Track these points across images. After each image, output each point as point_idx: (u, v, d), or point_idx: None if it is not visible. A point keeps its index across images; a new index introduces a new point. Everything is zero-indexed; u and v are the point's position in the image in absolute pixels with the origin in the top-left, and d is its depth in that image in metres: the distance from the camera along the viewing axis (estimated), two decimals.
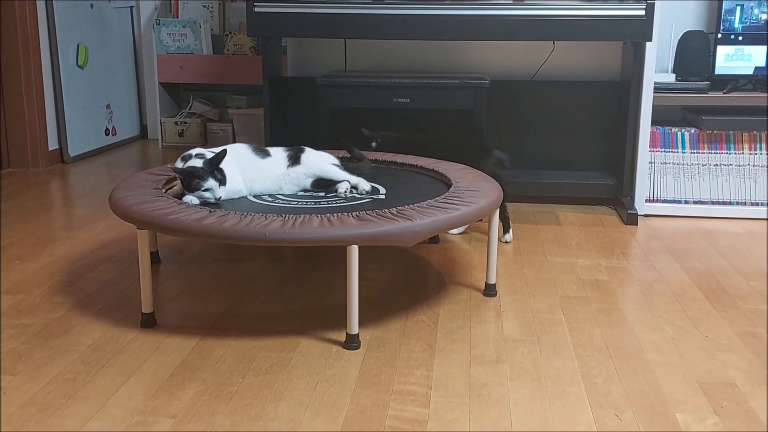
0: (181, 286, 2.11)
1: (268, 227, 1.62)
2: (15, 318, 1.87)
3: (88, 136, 3.95)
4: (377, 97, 2.81)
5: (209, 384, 1.55)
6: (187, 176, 1.84)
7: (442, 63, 3.19)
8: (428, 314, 1.92)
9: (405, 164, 2.35)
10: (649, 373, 1.62)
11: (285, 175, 2.01)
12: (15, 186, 3.28)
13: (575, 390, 1.54)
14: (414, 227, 1.67)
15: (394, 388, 1.54)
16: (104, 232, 2.61)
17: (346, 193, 1.98)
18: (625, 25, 2.63)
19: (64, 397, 1.49)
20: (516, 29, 2.66)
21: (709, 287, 2.14)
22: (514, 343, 1.76)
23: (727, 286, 2.15)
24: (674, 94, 2.85)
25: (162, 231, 1.71)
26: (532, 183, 2.95)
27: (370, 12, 2.71)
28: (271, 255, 2.37)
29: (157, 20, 4.19)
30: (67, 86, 3.76)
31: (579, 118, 3.09)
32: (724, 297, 2.07)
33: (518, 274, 2.22)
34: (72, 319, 1.86)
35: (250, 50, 4.18)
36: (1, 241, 2.50)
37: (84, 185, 3.32)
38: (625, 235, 2.65)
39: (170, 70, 4.21)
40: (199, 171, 1.83)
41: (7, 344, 1.72)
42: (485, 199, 1.89)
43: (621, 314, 1.94)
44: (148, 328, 1.82)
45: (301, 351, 1.70)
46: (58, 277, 2.16)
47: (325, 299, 2.01)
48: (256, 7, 2.76)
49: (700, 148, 2.88)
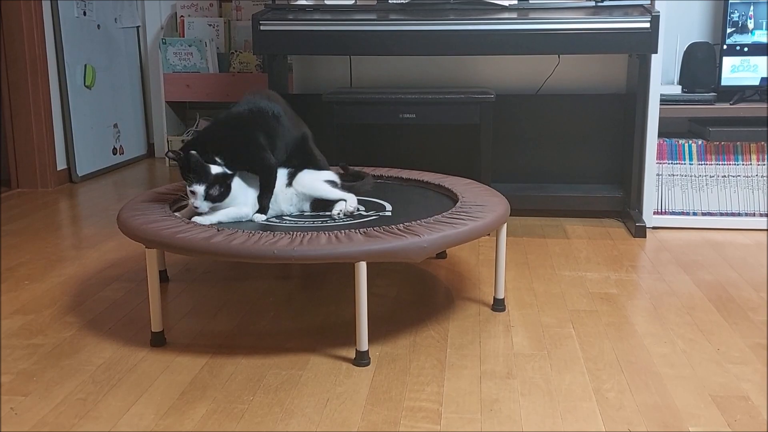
0: (190, 304, 2.11)
1: (276, 245, 1.63)
2: (26, 338, 1.87)
3: (95, 155, 3.98)
4: (383, 113, 2.82)
5: (220, 402, 1.54)
6: (184, 165, 1.80)
7: (447, 78, 3.20)
8: (437, 330, 1.91)
9: (411, 180, 2.35)
10: (661, 386, 1.61)
11: (282, 195, 1.96)
12: (24, 206, 3.30)
13: (587, 405, 1.53)
14: (422, 243, 1.67)
15: (404, 404, 1.53)
16: (113, 251, 2.61)
17: (340, 215, 1.93)
18: (630, 37, 2.63)
19: (76, 417, 1.49)
20: (521, 43, 2.67)
21: (719, 299, 2.13)
22: (525, 358, 1.75)
23: (737, 297, 2.14)
24: (681, 105, 2.85)
25: (170, 250, 1.71)
26: (539, 196, 2.95)
27: (375, 29, 2.73)
28: (279, 272, 2.37)
29: (164, 40, 4.22)
30: (74, 106, 3.79)
31: (585, 131, 3.10)
32: (735, 309, 2.05)
33: (527, 289, 2.22)
34: (82, 339, 1.87)
35: (255, 68, 4.21)
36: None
37: (92, 205, 3.34)
38: (633, 247, 2.64)
39: (176, 89, 4.24)
40: (197, 169, 1.79)
41: (18, 364, 1.73)
42: (492, 214, 1.89)
43: (631, 327, 1.93)
44: (158, 347, 1.82)
45: (311, 368, 1.70)
46: (68, 297, 2.17)
47: (334, 316, 2.01)
48: (262, 25, 2.78)
49: (707, 160, 2.88)
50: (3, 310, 2.07)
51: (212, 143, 1.87)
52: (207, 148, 1.85)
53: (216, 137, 1.89)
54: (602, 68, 3.12)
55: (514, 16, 2.70)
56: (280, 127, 1.95)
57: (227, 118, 1.92)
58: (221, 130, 1.91)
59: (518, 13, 2.75)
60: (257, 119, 1.92)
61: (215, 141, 1.88)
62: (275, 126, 1.94)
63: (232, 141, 1.88)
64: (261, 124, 1.91)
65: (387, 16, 2.76)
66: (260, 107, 1.94)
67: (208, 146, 1.86)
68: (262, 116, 1.92)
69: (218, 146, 1.87)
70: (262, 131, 1.91)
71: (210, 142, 1.87)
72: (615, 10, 2.72)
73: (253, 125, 1.90)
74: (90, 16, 3.93)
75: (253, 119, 1.91)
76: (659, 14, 2.62)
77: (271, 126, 1.93)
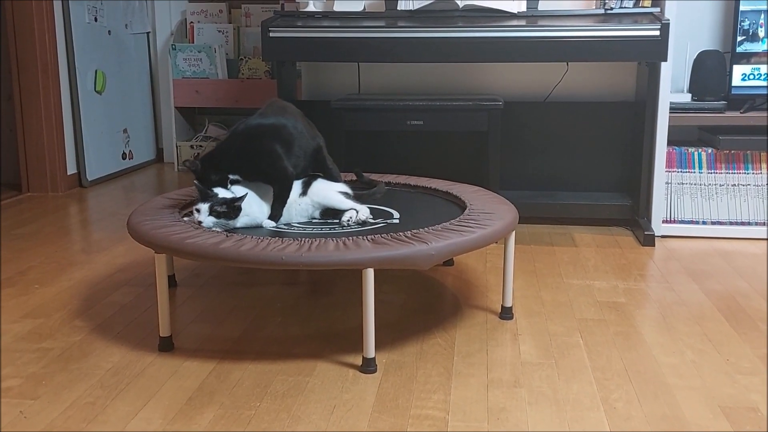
0: (198, 309, 2.11)
1: (285, 251, 1.63)
2: (35, 342, 1.88)
3: (105, 160, 4.00)
4: (391, 120, 2.82)
5: (227, 408, 1.55)
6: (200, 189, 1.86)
7: (455, 85, 3.20)
8: (444, 337, 1.91)
9: (418, 186, 2.35)
10: (669, 397, 1.60)
11: (296, 205, 1.98)
12: (34, 210, 3.32)
13: (595, 415, 1.52)
14: (429, 250, 1.67)
15: (411, 412, 1.53)
16: (122, 256, 2.62)
17: (349, 222, 1.94)
18: (639, 45, 2.63)
19: (84, 421, 1.49)
20: (530, 50, 2.67)
21: (729, 309, 2.12)
22: (532, 366, 1.75)
23: (747, 307, 2.13)
24: (690, 113, 2.85)
25: (179, 255, 1.72)
26: (547, 204, 2.94)
27: (384, 36, 2.74)
28: (287, 278, 2.37)
29: (173, 46, 4.25)
30: (85, 111, 3.81)
31: (594, 139, 3.09)
32: (745, 319, 2.04)
33: (535, 297, 2.21)
34: (91, 343, 1.88)
35: (264, 74, 4.23)
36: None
37: (101, 209, 3.35)
38: (642, 256, 2.63)
39: (186, 95, 4.26)
40: (204, 194, 1.84)
41: (27, 368, 1.73)
42: (500, 222, 1.89)
43: (640, 337, 1.92)
44: (166, 351, 1.82)
45: (317, 374, 1.70)
46: (77, 301, 2.18)
47: (341, 322, 2.01)
48: (271, 32, 2.80)
49: (717, 168, 2.87)
50: (13, 314, 2.08)
51: (228, 157, 1.91)
52: (222, 164, 1.90)
53: (232, 150, 1.92)
54: (611, 76, 3.12)
55: (523, 24, 2.70)
56: (297, 139, 1.97)
57: (246, 129, 1.94)
58: (238, 142, 1.93)
59: (527, 20, 2.76)
60: (275, 131, 1.93)
61: (232, 154, 1.91)
62: (293, 138, 1.96)
63: (249, 152, 1.91)
64: (279, 136, 1.93)
65: (395, 23, 2.76)
66: (278, 119, 1.96)
67: (224, 161, 1.90)
68: (280, 129, 1.94)
69: (234, 159, 1.90)
70: (280, 143, 1.92)
71: (226, 157, 1.91)
72: (624, 18, 2.72)
73: (270, 137, 1.92)
74: (101, 22, 3.96)
75: (271, 131, 1.93)
76: (669, 22, 2.61)
77: (289, 138, 1.95)
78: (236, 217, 1.84)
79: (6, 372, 1.72)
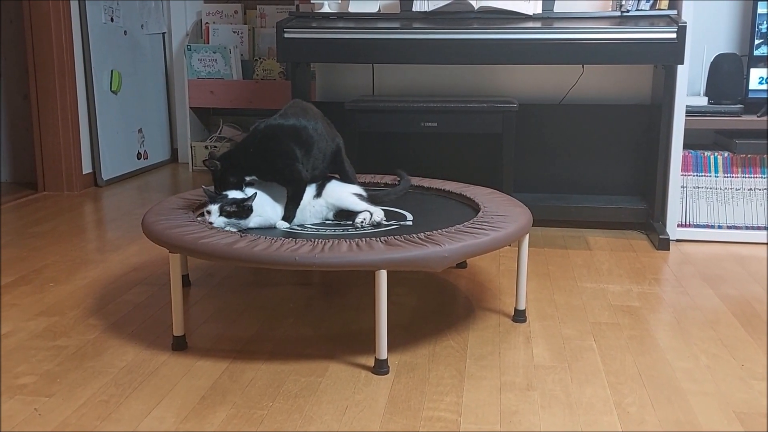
0: (212, 309, 2.12)
1: (298, 252, 1.63)
2: (50, 340, 1.90)
3: (120, 159, 4.03)
4: (405, 122, 2.82)
5: (240, 408, 1.55)
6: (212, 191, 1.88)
7: (469, 87, 3.20)
8: (457, 340, 1.91)
9: (432, 188, 2.35)
10: (683, 402, 1.59)
11: (310, 207, 1.99)
12: (50, 209, 3.35)
13: (608, 419, 1.51)
14: (443, 252, 1.67)
15: (423, 414, 1.53)
16: (136, 255, 2.64)
17: (363, 223, 1.95)
18: (656, 48, 2.61)
19: (98, 419, 1.50)
20: (545, 53, 2.66)
21: (743, 314, 2.10)
22: (545, 369, 1.74)
23: (762, 312, 2.11)
24: (707, 117, 2.82)
25: (193, 255, 1.73)
26: (561, 207, 2.93)
27: (398, 37, 2.74)
28: (299, 279, 2.38)
29: (188, 46, 4.27)
30: (101, 111, 3.84)
31: (609, 142, 3.07)
32: (760, 324, 2.02)
33: (548, 300, 2.20)
34: (105, 341, 1.89)
35: (279, 75, 4.24)
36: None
37: (116, 208, 3.38)
38: (656, 260, 2.61)
39: (201, 95, 4.28)
40: (213, 196, 1.87)
41: (42, 366, 1.75)
42: (514, 224, 1.88)
43: (654, 341, 1.91)
44: (179, 350, 1.83)
45: (330, 375, 1.70)
46: (92, 300, 2.19)
47: (354, 323, 2.01)
48: (286, 33, 2.80)
49: (733, 172, 2.84)
50: (28, 312, 2.10)
51: (246, 156, 1.92)
52: (241, 162, 1.91)
53: (251, 149, 1.93)
54: (627, 78, 3.10)
55: (539, 26, 2.69)
56: (317, 141, 1.97)
57: (266, 129, 1.95)
58: (257, 141, 1.94)
59: (542, 22, 2.75)
60: (295, 132, 1.94)
61: (250, 153, 1.92)
62: (312, 140, 1.96)
63: (267, 152, 1.91)
64: (298, 138, 1.94)
65: (410, 25, 2.76)
66: (299, 120, 1.97)
67: (243, 160, 1.92)
68: (300, 130, 1.95)
69: (252, 158, 1.91)
70: (299, 144, 1.93)
71: (244, 155, 1.92)
72: (641, 21, 2.70)
73: (289, 137, 1.93)
74: (117, 23, 3.99)
75: (291, 132, 1.94)
76: (686, 25, 2.60)
77: (309, 140, 1.96)
78: (247, 216, 1.85)
79: (21, 369, 1.73)
